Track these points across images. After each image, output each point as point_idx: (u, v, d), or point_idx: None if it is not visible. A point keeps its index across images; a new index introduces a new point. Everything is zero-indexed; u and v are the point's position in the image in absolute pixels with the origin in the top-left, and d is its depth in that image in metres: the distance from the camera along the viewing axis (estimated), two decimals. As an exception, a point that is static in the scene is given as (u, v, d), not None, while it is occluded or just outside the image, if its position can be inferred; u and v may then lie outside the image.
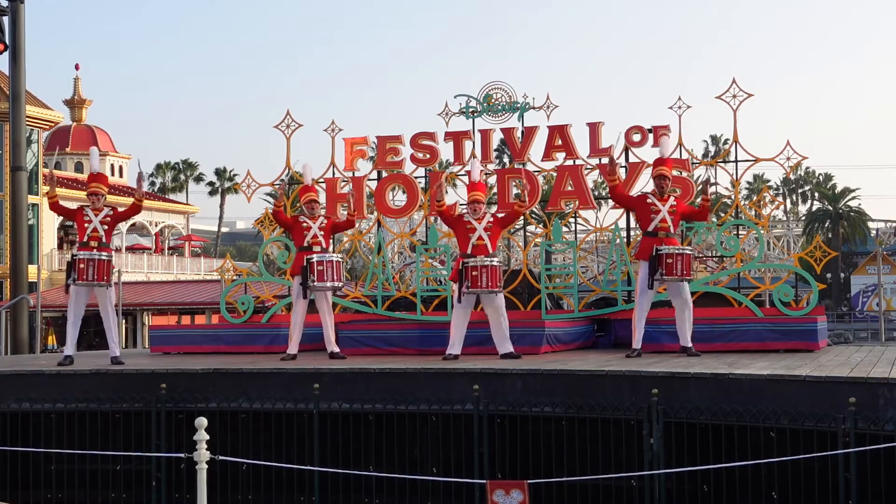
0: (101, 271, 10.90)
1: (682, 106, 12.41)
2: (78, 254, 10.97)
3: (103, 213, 11.20)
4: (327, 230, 11.69)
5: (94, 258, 10.88)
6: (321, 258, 11.24)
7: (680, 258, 10.41)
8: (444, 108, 13.25)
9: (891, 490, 7.33)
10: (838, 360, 9.69)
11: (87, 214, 11.18)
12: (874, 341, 36.16)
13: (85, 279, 10.89)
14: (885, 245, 54.24)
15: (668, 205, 10.68)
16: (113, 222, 11.23)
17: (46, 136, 44.63)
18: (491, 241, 10.85)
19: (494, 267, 10.60)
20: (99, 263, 10.89)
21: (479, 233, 10.82)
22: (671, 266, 10.40)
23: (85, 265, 10.86)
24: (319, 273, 11.17)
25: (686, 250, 10.55)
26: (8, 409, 9.94)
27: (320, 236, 11.56)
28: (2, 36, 18.88)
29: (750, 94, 12.24)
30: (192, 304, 37.01)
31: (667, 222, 10.62)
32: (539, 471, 8.48)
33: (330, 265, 11.25)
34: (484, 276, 10.52)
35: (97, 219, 11.13)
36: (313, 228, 11.58)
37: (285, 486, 9.30)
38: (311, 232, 11.56)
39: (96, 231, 11.10)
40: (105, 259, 10.96)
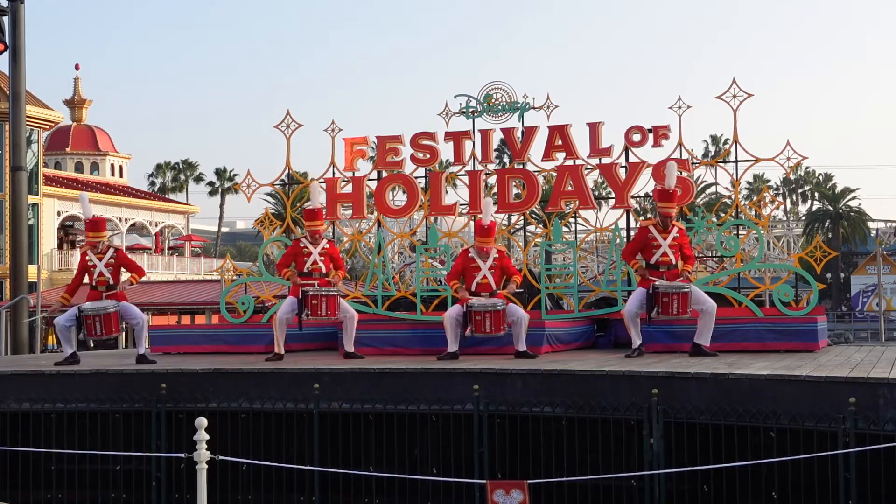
0: (108, 325, 10.95)
1: (682, 106, 12.40)
2: (86, 309, 10.94)
3: (108, 256, 11.27)
4: (327, 256, 11.53)
5: (99, 314, 10.91)
6: (316, 292, 11.14)
7: (677, 297, 10.32)
8: (445, 108, 13.24)
9: (891, 490, 7.33)
10: (838, 360, 9.69)
11: (91, 259, 11.27)
12: (874, 341, 36.18)
13: (94, 335, 10.98)
14: (885, 245, 54.22)
15: (671, 237, 10.64)
16: (117, 266, 11.28)
17: (46, 136, 44.66)
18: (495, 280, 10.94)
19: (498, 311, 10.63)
20: (105, 318, 10.92)
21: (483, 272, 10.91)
22: (667, 305, 10.34)
23: (92, 321, 10.90)
24: (314, 307, 11.11)
25: (684, 289, 10.39)
26: (8, 409, 9.94)
27: (320, 262, 11.45)
28: (2, 36, 18.89)
29: (750, 94, 12.23)
30: (192, 304, 37.03)
31: (668, 256, 10.60)
32: (539, 471, 8.48)
33: (324, 300, 11.13)
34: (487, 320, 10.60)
35: (101, 263, 11.22)
36: (314, 254, 11.47)
37: (285, 486, 9.30)
38: (311, 258, 11.45)
39: (102, 275, 11.19)
40: (112, 311, 10.99)
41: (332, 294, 11.29)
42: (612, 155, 12.56)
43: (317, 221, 11.62)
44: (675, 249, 10.65)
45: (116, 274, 11.29)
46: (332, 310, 11.20)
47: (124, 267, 11.40)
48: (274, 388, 9.54)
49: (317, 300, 11.12)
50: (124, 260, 11.46)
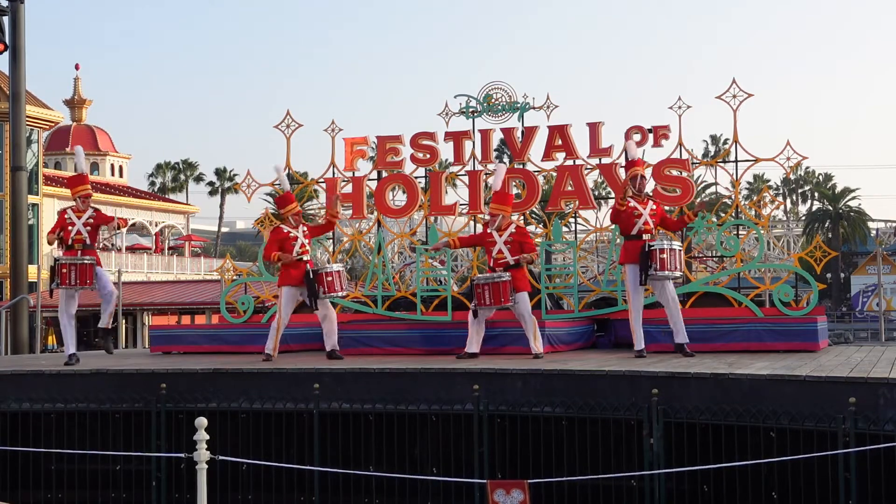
0: (83, 275, 10.94)
1: (682, 106, 12.40)
2: (61, 258, 10.98)
3: (86, 216, 11.23)
4: (310, 236, 11.69)
5: (75, 263, 10.92)
6: (329, 269, 11.32)
7: (672, 253, 10.42)
8: (445, 108, 13.24)
9: (891, 490, 7.33)
10: (838, 360, 9.69)
11: (70, 217, 11.24)
12: (874, 341, 36.17)
13: (68, 284, 10.94)
14: (885, 245, 54.24)
15: (649, 208, 10.74)
16: (95, 225, 11.26)
17: (46, 136, 44.66)
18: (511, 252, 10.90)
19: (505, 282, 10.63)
20: (80, 268, 10.93)
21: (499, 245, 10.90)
22: (664, 261, 10.38)
23: (67, 269, 10.91)
24: (330, 284, 11.25)
25: (675, 245, 10.55)
26: (8, 409, 9.94)
27: (307, 244, 11.56)
28: (2, 36, 18.90)
29: (750, 94, 12.23)
30: (192, 304, 37.03)
31: (649, 224, 10.69)
32: (539, 471, 8.48)
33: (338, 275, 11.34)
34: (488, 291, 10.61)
35: (80, 221, 11.19)
36: (300, 237, 11.53)
37: (285, 486, 9.30)
38: (297, 241, 11.50)
39: (80, 234, 11.16)
40: (88, 263, 10.99)
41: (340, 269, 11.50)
42: (612, 155, 12.56)
43: (291, 205, 11.74)
44: (654, 219, 10.74)
45: (94, 234, 11.26)
46: (341, 284, 11.39)
47: (104, 223, 11.36)
48: (274, 388, 9.54)
49: (331, 276, 11.27)
50: (103, 218, 11.38)
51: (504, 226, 11.00)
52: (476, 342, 10.79)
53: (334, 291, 11.32)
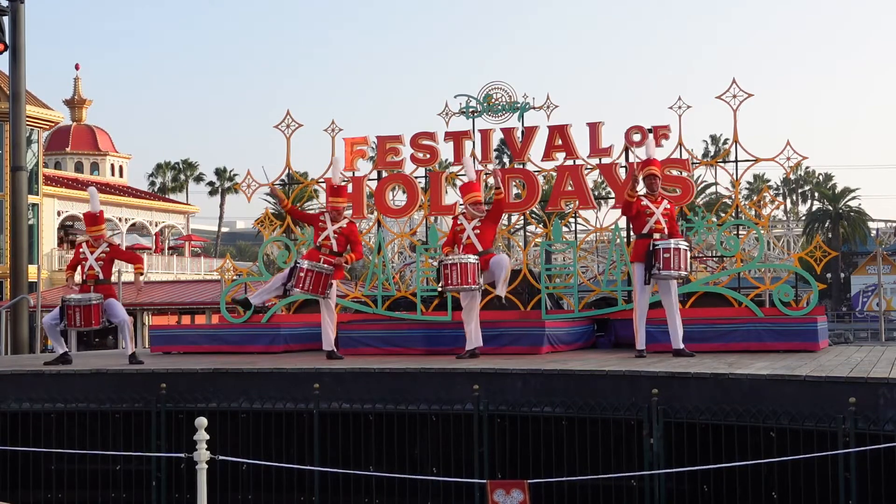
0: (88, 316, 10.91)
1: (682, 106, 12.41)
2: (69, 299, 10.96)
3: (99, 251, 11.22)
4: (341, 236, 11.40)
5: (80, 304, 10.88)
6: (311, 266, 11.05)
7: (678, 252, 10.37)
8: (445, 108, 13.25)
9: (891, 490, 7.33)
10: (838, 360, 9.69)
11: (84, 252, 11.25)
12: (874, 341, 36.18)
13: (73, 325, 10.98)
14: (885, 245, 54.24)
15: (662, 207, 10.67)
16: (108, 259, 11.22)
17: (46, 136, 44.65)
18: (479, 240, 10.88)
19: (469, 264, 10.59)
20: (86, 309, 10.89)
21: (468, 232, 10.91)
22: (668, 261, 10.34)
23: (72, 311, 10.90)
24: (299, 278, 11.02)
25: (682, 245, 10.47)
26: (8, 409, 9.94)
27: (332, 239, 11.35)
28: (2, 36, 18.89)
29: (750, 94, 12.24)
30: (192, 304, 37.03)
31: (661, 224, 10.61)
32: (539, 471, 8.48)
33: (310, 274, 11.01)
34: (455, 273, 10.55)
35: (92, 257, 11.18)
36: (328, 230, 11.39)
37: (285, 486, 9.30)
38: (325, 232, 11.37)
39: (92, 269, 11.14)
40: (95, 303, 10.94)
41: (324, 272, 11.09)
42: (612, 155, 12.57)
43: (340, 199, 11.58)
44: (667, 218, 10.70)
45: (107, 268, 11.22)
46: (315, 286, 11.00)
47: (119, 259, 11.36)
48: (274, 388, 9.54)
49: (304, 273, 11.01)
50: (117, 253, 11.38)
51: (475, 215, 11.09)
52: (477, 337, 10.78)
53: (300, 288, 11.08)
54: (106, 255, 11.22)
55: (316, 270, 11.06)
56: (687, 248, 10.53)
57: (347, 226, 11.55)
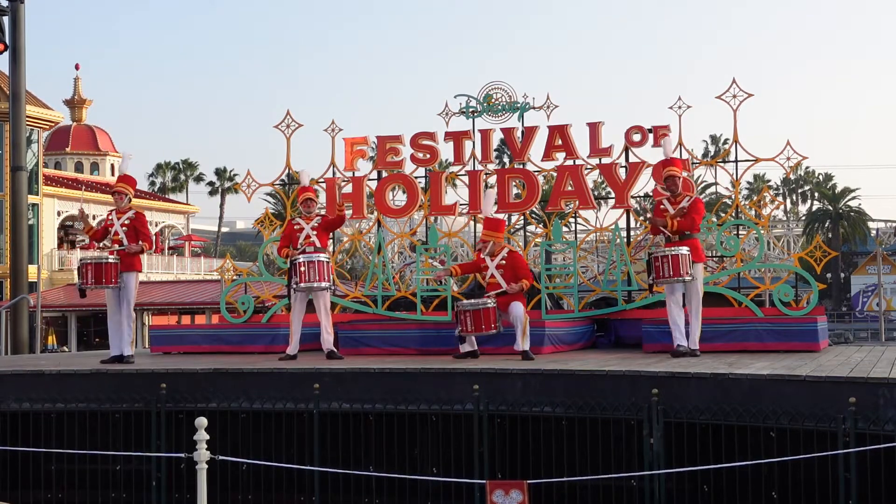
0: (98, 274, 10.76)
1: (682, 106, 12.40)
2: (84, 256, 10.87)
3: (125, 216, 11.17)
4: (320, 229, 11.45)
5: (93, 262, 10.78)
6: (306, 258, 11.05)
7: (666, 260, 10.29)
8: (445, 108, 13.24)
9: (891, 490, 7.33)
10: (838, 360, 9.69)
11: (111, 218, 11.21)
12: (874, 341, 36.20)
13: (85, 283, 10.82)
14: (885, 245, 54.26)
15: (679, 208, 10.62)
16: (132, 227, 11.13)
17: (46, 136, 44.65)
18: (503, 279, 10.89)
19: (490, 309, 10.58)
20: (97, 267, 10.76)
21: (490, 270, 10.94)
22: (658, 269, 10.33)
23: (85, 268, 10.80)
24: (301, 274, 10.99)
25: (673, 251, 10.29)
26: (8, 409, 9.94)
27: (313, 236, 11.37)
28: (2, 36, 18.90)
29: (750, 94, 12.23)
30: (192, 304, 37.03)
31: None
32: (539, 471, 8.48)
33: (313, 265, 11.03)
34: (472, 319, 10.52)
35: (118, 222, 11.13)
36: (306, 229, 11.44)
37: (285, 486, 9.30)
38: (303, 233, 11.42)
39: (117, 234, 11.10)
40: (112, 262, 10.82)
41: (321, 259, 11.09)
42: (612, 155, 12.56)
43: (307, 192, 11.66)
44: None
45: (131, 235, 11.10)
46: (320, 274, 10.98)
47: (140, 230, 11.16)
48: (274, 388, 9.54)
49: (304, 266, 10.97)
50: (140, 223, 11.22)
51: (497, 251, 11.03)
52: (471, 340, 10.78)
53: (307, 282, 11.03)
54: (131, 221, 11.16)
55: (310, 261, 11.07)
56: (677, 253, 10.29)
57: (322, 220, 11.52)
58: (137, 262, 11.23)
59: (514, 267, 10.96)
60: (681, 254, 10.31)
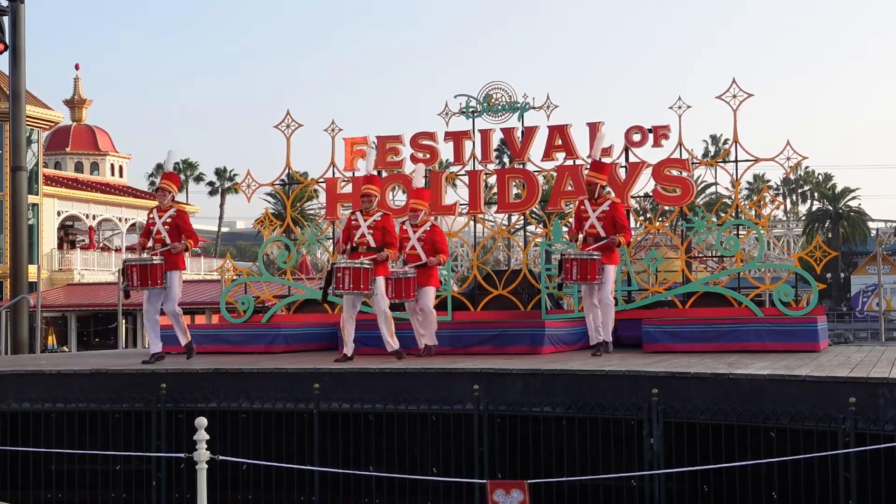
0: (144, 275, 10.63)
1: (682, 106, 12.40)
2: (128, 259, 10.79)
3: (167, 214, 11.05)
4: (377, 230, 10.70)
5: (139, 263, 10.67)
6: (348, 265, 10.40)
7: (575, 263, 10.43)
8: (445, 108, 13.25)
9: (891, 490, 7.33)
10: (838, 360, 9.70)
11: (153, 217, 11.12)
12: (874, 341, 36.20)
13: (131, 285, 10.72)
14: (885, 245, 54.27)
15: (599, 210, 10.71)
16: (174, 225, 10.98)
17: (46, 136, 44.63)
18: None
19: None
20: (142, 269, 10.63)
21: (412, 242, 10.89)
22: (568, 270, 10.46)
23: (130, 270, 10.67)
24: (338, 280, 10.47)
25: (584, 256, 10.47)
26: (8, 409, 9.94)
27: (368, 235, 10.67)
28: (2, 36, 18.90)
29: (750, 94, 12.23)
30: (192, 304, 36.98)
31: (595, 227, 10.69)
32: (539, 471, 8.48)
33: (348, 272, 10.38)
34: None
35: (160, 221, 11.01)
36: (362, 227, 10.74)
37: (285, 486, 9.30)
38: (359, 231, 10.73)
39: (160, 233, 10.99)
40: (157, 263, 10.70)
41: (363, 266, 10.44)
42: (612, 155, 12.56)
43: (370, 186, 11.07)
44: (603, 221, 10.73)
45: (174, 234, 10.96)
46: (355, 282, 10.30)
47: (182, 228, 11.01)
48: (274, 388, 9.54)
49: (342, 273, 10.43)
50: (183, 221, 11.09)
51: (420, 223, 11.15)
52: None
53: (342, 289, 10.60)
54: (173, 219, 11.04)
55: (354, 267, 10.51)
56: (589, 258, 10.44)
57: (382, 220, 10.91)
58: (181, 260, 11.14)
59: (434, 241, 11.12)
60: (591, 259, 10.49)
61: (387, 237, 10.72)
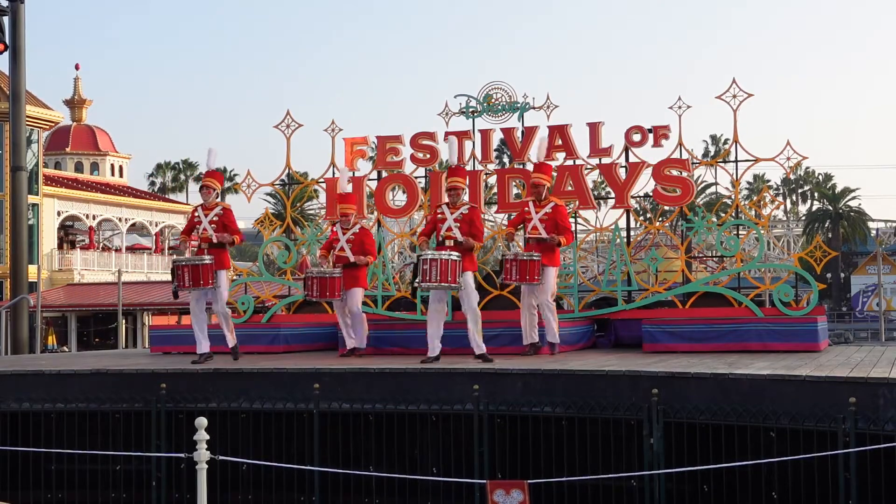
0: (196, 276, 10.66)
1: (682, 106, 12.40)
2: (179, 259, 10.76)
3: (213, 213, 11.06)
4: (464, 223, 10.47)
5: (190, 263, 10.69)
6: (434, 256, 10.13)
7: (515, 263, 10.47)
8: (445, 108, 13.24)
9: (891, 490, 7.33)
10: (838, 360, 9.70)
11: (198, 215, 11.12)
12: (874, 341, 36.22)
13: (183, 286, 10.73)
14: (885, 245, 54.29)
15: (542, 212, 10.73)
16: (221, 223, 11.00)
17: (46, 136, 44.64)
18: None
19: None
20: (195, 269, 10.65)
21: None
22: (508, 271, 10.51)
23: (182, 271, 10.67)
24: (424, 272, 10.20)
25: (525, 256, 10.50)
26: (8, 409, 9.94)
27: (455, 229, 10.44)
28: (2, 36, 18.91)
29: (750, 94, 12.23)
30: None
31: (538, 229, 10.68)
32: (539, 471, 8.48)
33: (435, 263, 10.12)
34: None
35: (206, 219, 11.03)
36: (448, 220, 10.48)
37: (285, 486, 9.30)
38: (445, 224, 10.48)
39: (206, 231, 11.00)
40: (207, 263, 10.72)
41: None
42: (612, 155, 12.56)
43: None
44: (546, 223, 10.71)
45: (221, 232, 11.00)
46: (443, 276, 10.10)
47: (229, 226, 11.06)
48: (274, 388, 9.54)
49: (427, 265, 10.22)
50: (229, 219, 11.11)
51: (351, 225, 11.64)
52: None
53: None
54: (219, 217, 11.04)
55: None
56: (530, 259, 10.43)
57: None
58: (226, 259, 11.22)
59: (363, 243, 11.56)
60: (532, 259, 10.50)
61: (472, 229, 10.53)
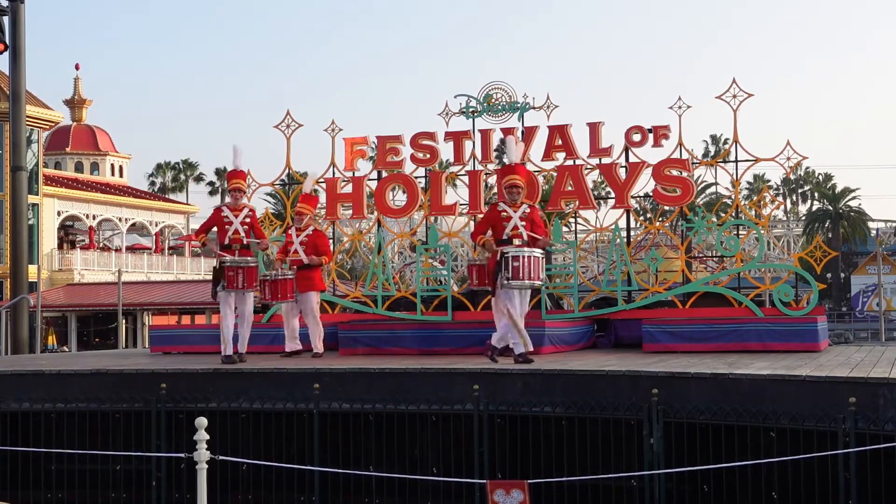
0: (250, 278, 10.85)
1: (682, 106, 12.40)
2: (226, 260, 10.80)
3: (243, 214, 11.12)
4: (529, 221, 10.21)
5: (241, 266, 10.79)
6: (522, 253, 9.85)
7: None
8: (445, 108, 13.24)
9: (891, 490, 7.33)
10: (838, 360, 9.70)
11: (227, 216, 11.11)
12: (874, 341, 36.22)
13: (235, 287, 10.81)
14: (885, 245, 54.28)
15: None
16: (252, 223, 11.13)
17: (46, 136, 44.63)
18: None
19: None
20: (248, 270, 10.82)
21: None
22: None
23: (234, 273, 10.76)
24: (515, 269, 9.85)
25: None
26: (8, 409, 9.94)
27: (521, 227, 10.13)
28: (2, 36, 18.91)
29: (750, 94, 12.23)
30: (192, 304, 37.01)
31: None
32: (539, 471, 8.48)
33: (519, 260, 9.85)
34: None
35: (237, 220, 11.06)
36: (514, 218, 10.18)
37: (285, 486, 9.30)
38: (511, 223, 10.22)
39: (237, 233, 11.03)
40: (253, 265, 10.89)
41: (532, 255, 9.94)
42: (612, 155, 12.56)
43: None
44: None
45: (250, 233, 11.11)
46: (536, 273, 9.86)
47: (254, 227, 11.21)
48: (274, 388, 9.54)
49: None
50: (255, 220, 11.33)
51: (304, 226, 11.80)
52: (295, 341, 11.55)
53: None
54: (250, 219, 11.17)
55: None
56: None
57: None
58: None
59: (317, 244, 11.80)
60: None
61: (535, 228, 10.33)
